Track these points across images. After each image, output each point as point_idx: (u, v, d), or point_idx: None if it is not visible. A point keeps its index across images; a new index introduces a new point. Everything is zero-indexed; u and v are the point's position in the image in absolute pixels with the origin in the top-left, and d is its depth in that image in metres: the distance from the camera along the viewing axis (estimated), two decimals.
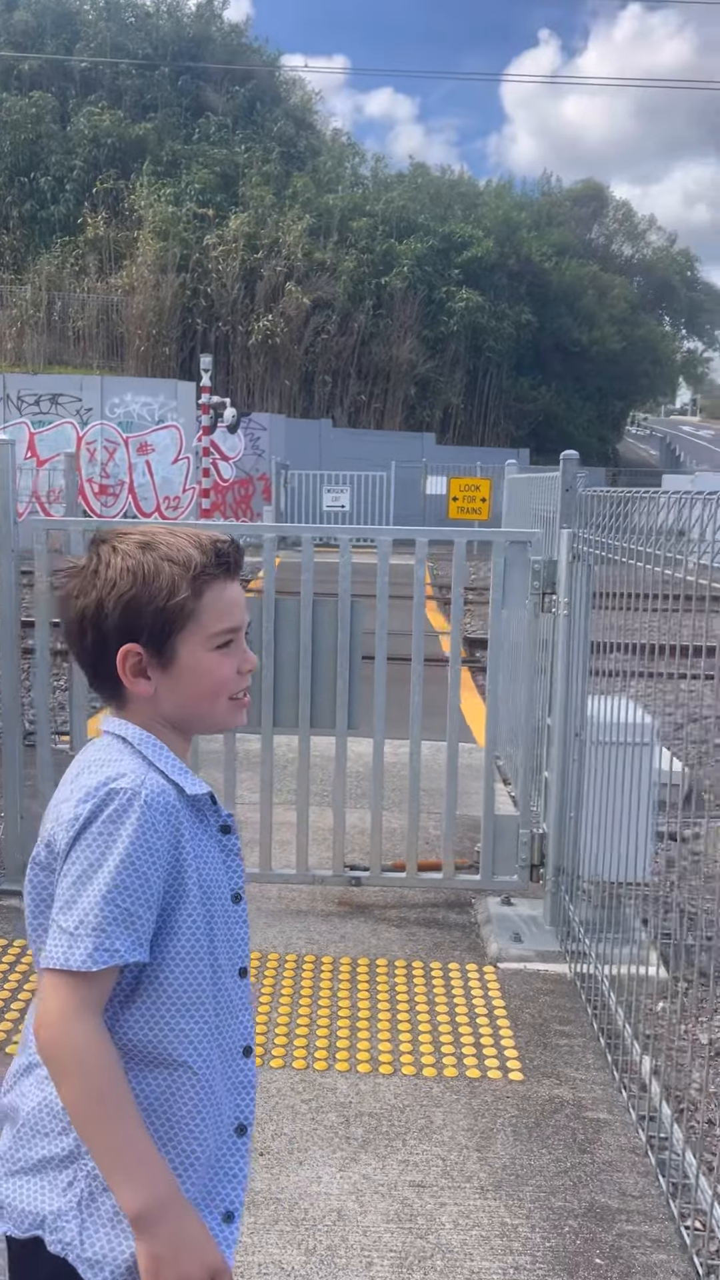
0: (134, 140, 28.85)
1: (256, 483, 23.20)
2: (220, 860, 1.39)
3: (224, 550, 1.36)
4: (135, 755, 1.33)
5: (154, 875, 1.25)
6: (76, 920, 1.21)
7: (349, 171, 32.69)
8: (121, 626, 1.31)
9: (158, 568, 1.31)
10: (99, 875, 1.22)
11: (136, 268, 25.50)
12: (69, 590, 1.34)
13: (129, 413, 22.76)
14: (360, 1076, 3.07)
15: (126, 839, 1.23)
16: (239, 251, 25.78)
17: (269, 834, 4.18)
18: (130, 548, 1.33)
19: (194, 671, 1.34)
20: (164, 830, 1.27)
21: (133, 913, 1.23)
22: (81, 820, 1.25)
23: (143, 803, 1.25)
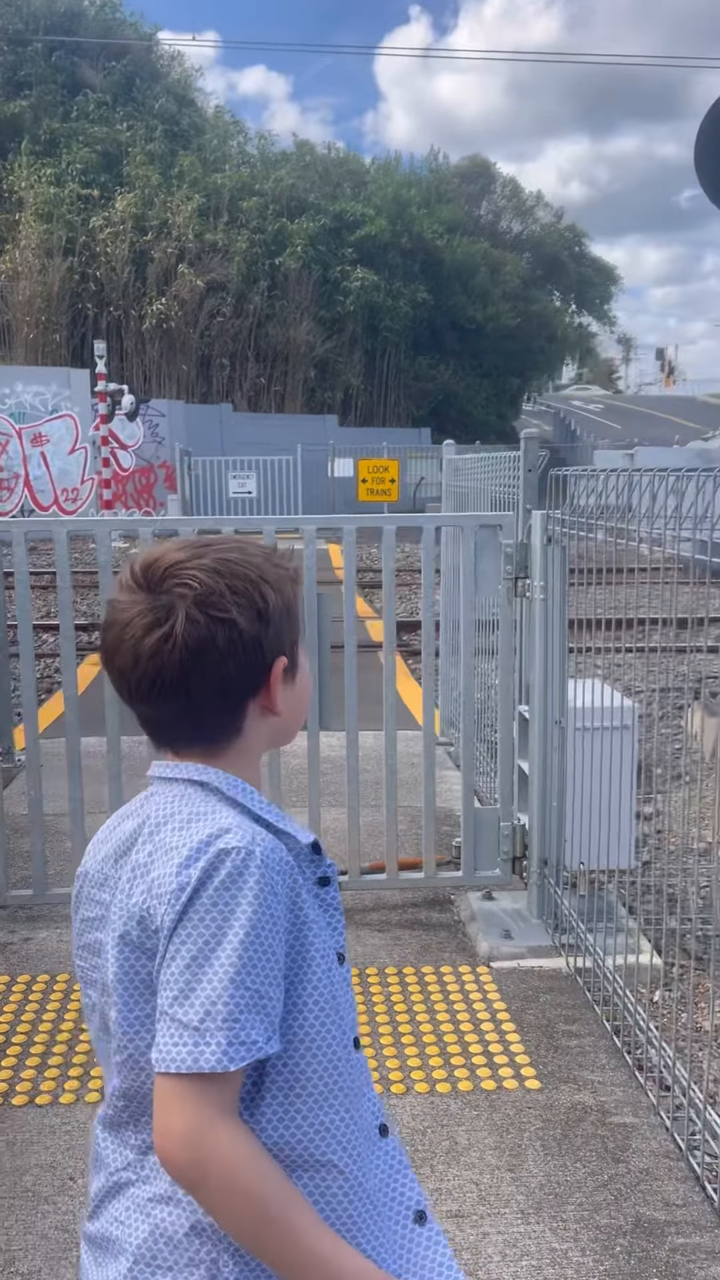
0: (9, 118, 27.80)
1: (158, 471, 22.67)
2: (322, 917, 1.19)
3: (283, 552, 1.26)
4: (228, 804, 1.14)
5: (279, 947, 1.07)
6: (201, 1011, 1.01)
7: (235, 149, 32.10)
8: (278, 638, 1.17)
9: (276, 574, 1.19)
10: (220, 954, 1.02)
11: (20, 251, 24.59)
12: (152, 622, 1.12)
13: (20, 403, 21.96)
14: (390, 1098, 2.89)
15: (249, 907, 1.04)
16: (127, 233, 25.08)
17: None
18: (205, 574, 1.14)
19: (305, 678, 1.25)
20: (283, 893, 1.09)
21: (264, 994, 1.04)
22: (190, 888, 1.04)
23: (259, 862, 1.06)
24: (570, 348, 44.27)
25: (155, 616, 1.11)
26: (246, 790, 1.16)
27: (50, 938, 3.76)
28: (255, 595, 1.14)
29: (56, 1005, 3.34)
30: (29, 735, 3.94)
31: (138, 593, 1.13)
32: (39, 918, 3.91)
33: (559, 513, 3.67)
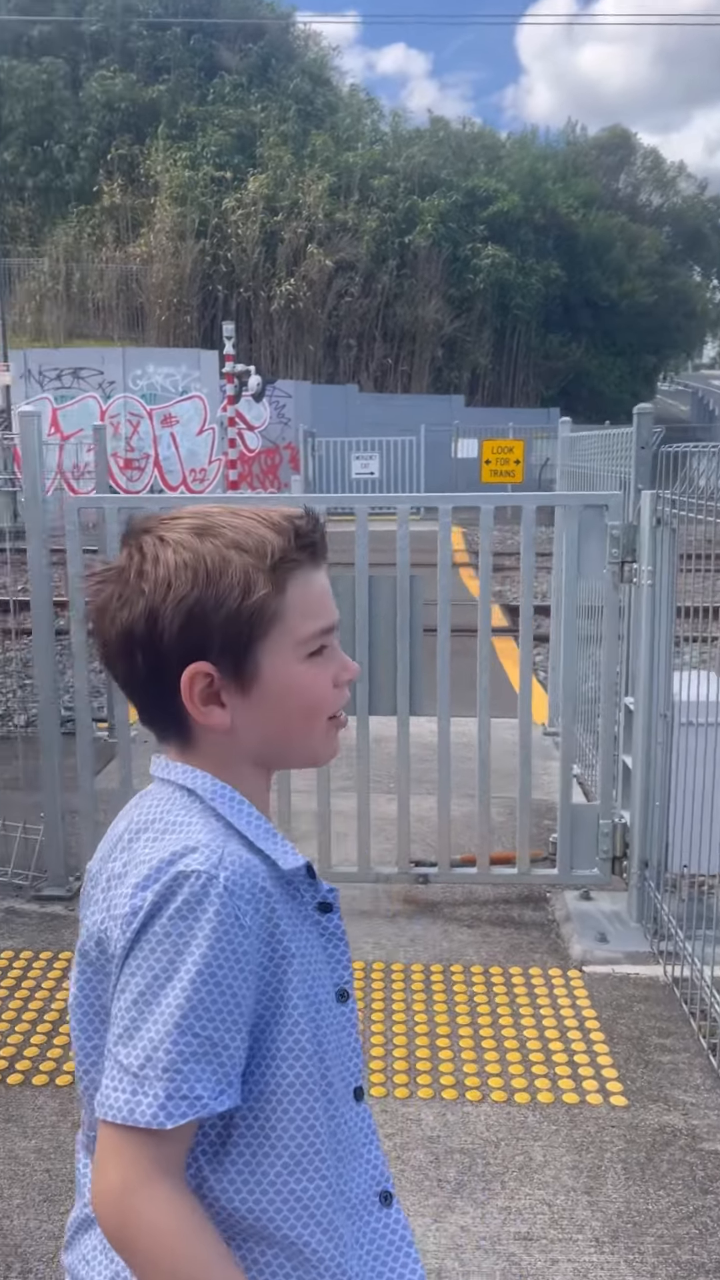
0: (147, 103, 28.28)
1: (283, 452, 22.80)
2: (320, 949, 1.05)
3: (305, 529, 1.03)
4: (208, 816, 1.00)
5: (242, 987, 0.93)
6: (142, 1056, 0.89)
7: (368, 128, 31.92)
8: (184, 640, 0.98)
9: (224, 559, 0.98)
10: (169, 992, 0.90)
11: (155, 235, 25.04)
12: (104, 600, 1.00)
13: (152, 384, 22.43)
14: (446, 1105, 2.76)
15: (205, 941, 0.91)
16: (258, 214, 25.23)
17: (327, 826, 3.86)
18: (184, 536, 1.00)
19: (284, 689, 1.02)
20: (252, 924, 0.95)
21: (217, 1042, 0.91)
22: (144, 914, 0.93)
23: (223, 889, 0.93)
24: (711, 325, 42.61)
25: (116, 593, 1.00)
26: (233, 801, 1.02)
27: None
28: (172, 588, 0.97)
29: None
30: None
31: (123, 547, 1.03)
32: None
33: (669, 493, 3.43)
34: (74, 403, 22.23)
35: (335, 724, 1.09)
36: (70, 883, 3.94)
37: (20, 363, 21.51)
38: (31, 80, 28.05)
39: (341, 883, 3.93)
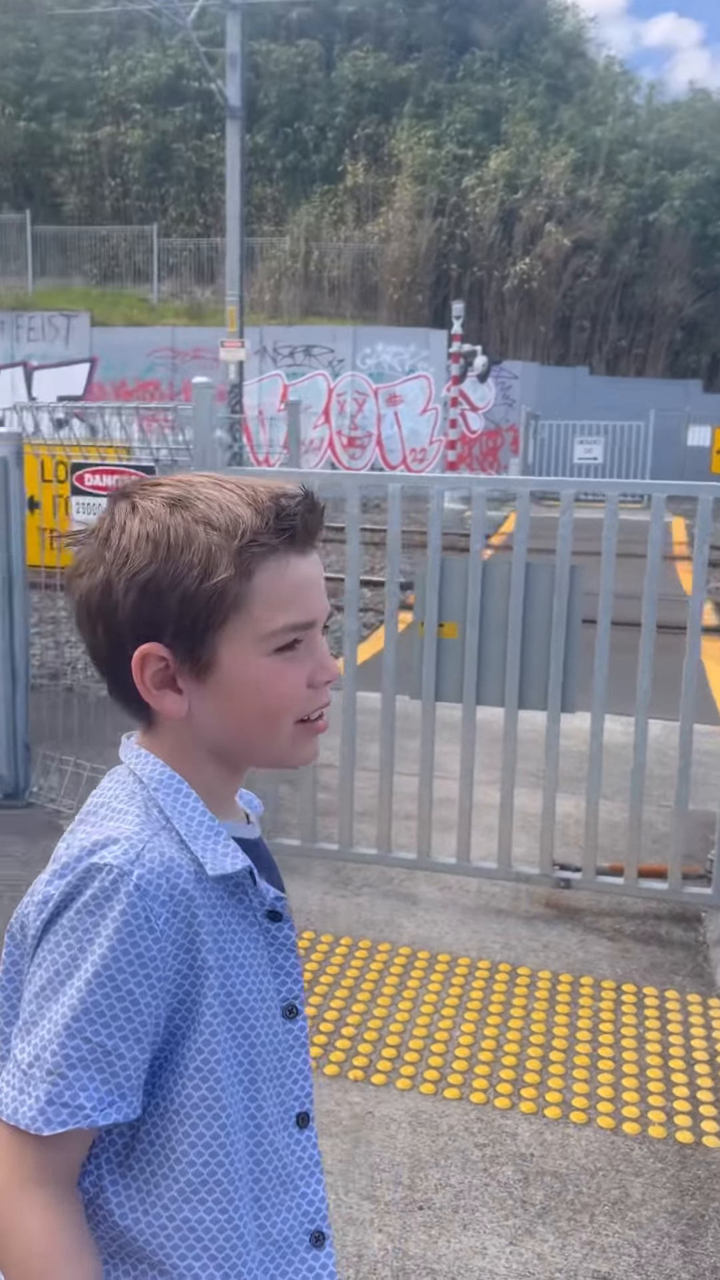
0: (396, 83, 28.38)
1: (505, 434, 22.51)
2: (266, 960, 0.98)
3: (289, 509, 0.93)
4: (147, 807, 0.95)
5: (145, 994, 0.87)
6: (31, 1054, 0.87)
7: (620, 101, 30.74)
8: (137, 619, 0.92)
9: (189, 534, 0.91)
10: (65, 991, 0.87)
11: (393, 214, 25.16)
12: (74, 564, 0.96)
13: (380, 363, 22.64)
14: (547, 1123, 2.63)
15: (106, 941, 0.86)
16: (498, 192, 24.86)
17: (468, 819, 3.76)
18: (155, 505, 0.93)
19: (241, 684, 0.94)
20: (166, 928, 0.89)
21: (110, 1050, 0.86)
22: (52, 905, 0.89)
23: (133, 887, 0.87)
24: None
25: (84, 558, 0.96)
26: (177, 794, 0.96)
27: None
28: (130, 560, 0.91)
29: None
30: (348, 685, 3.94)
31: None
32: None
33: None
34: (304, 380, 22.81)
35: (309, 728, 1.00)
36: None
37: (256, 339, 22.22)
38: (287, 63, 28.74)
39: (480, 878, 3.83)
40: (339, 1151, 2.48)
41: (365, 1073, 2.78)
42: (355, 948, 3.40)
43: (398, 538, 3.71)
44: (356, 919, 3.59)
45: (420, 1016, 3.05)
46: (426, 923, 3.58)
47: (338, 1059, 2.83)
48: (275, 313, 24.56)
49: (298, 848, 3.94)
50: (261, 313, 24.23)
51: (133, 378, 22.63)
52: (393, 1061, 2.83)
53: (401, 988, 3.19)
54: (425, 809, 3.77)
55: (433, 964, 3.33)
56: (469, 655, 3.60)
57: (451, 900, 3.74)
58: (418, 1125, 2.59)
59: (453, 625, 3.61)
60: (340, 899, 3.72)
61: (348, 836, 3.88)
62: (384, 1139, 2.54)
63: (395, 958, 3.36)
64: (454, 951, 3.41)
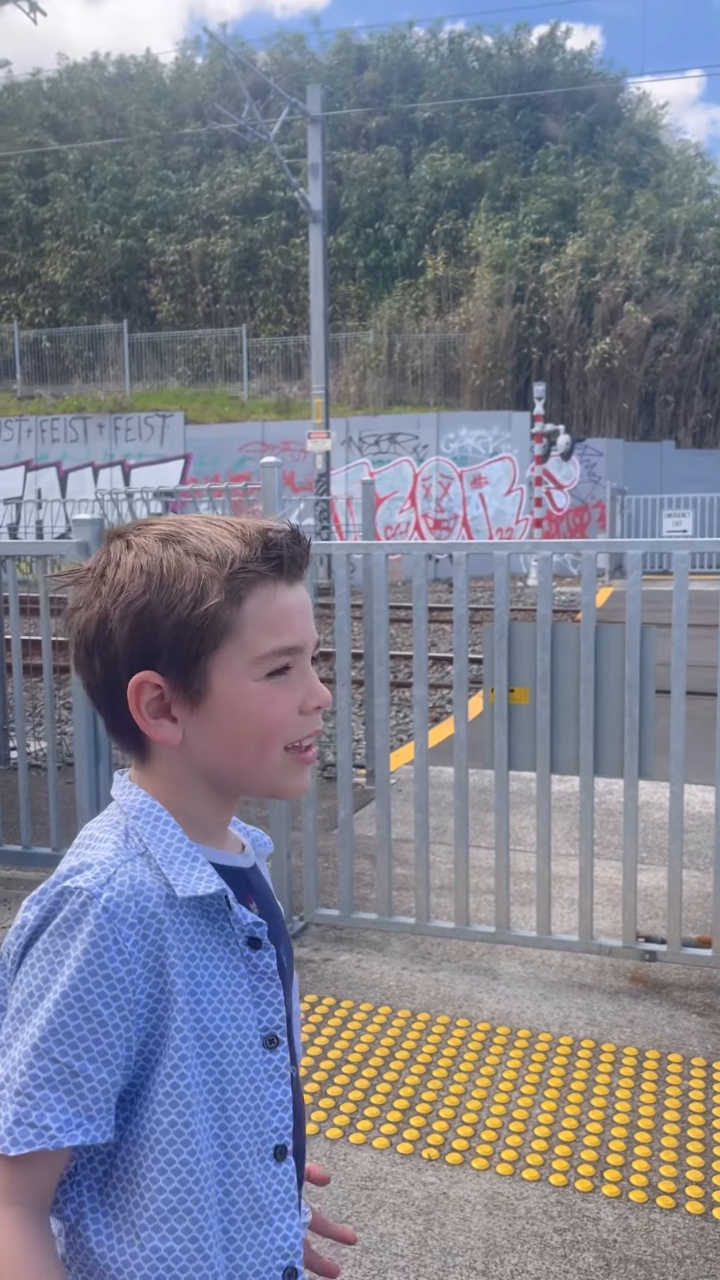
0: (473, 180, 29.31)
1: (592, 510, 22.46)
2: (246, 988, 0.98)
3: (276, 540, 0.98)
4: (124, 834, 0.98)
5: (114, 1015, 0.89)
6: (3, 1075, 0.89)
7: (696, 183, 31.15)
8: (133, 647, 0.95)
9: (180, 565, 0.95)
10: (36, 1012, 0.89)
11: (473, 303, 25.75)
12: (71, 602, 1.01)
13: (463, 447, 22.95)
14: (632, 1207, 2.50)
15: (74, 962, 0.89)
16: (576, 276, 25.26)
17: (548, 890, 3.67)
18: (149, 541, 0.98)
19: (234, 708, 0.97)
20: (135, 950, 0.90)
21: (77, 1071, 0.87)
22: (27, 931, 0.92)
23: (101, 909, 0.90)
24: None
25: (81, 595, 0.99)
26: (155, 821, 0.98)
27: (349, 961, 3.74)
28: (125, 591, 0.94)
29: (331, 1031, 3.30)
30: (418, 759, 3.94)
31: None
32: (345, 939, 3.92)
33: None
34: (389, 466, 23.23)
35: (299, 756, 1.01)
36: (295, 922, 4.01)
37: (342, 429, 22.78)
38: (367, 169, 29.99)
39: (562, 951, 3.72)
40: (411, 1234, 2.39)
41: (440, 1151, 2.69)
42: (433, 1023, 3.32)
43: (465, 605, 3.72)
44: (435, 994, 3.51)
45: (498, 1094, 2.95)
46: (507, 997, 3.48)
47: (411, 1137, 2.75)
48: (360, 403, 25.18)
49: (375, 922, 3.90)
50: (347, 404, 24.88)
51: (225, 471, 23.34)
52: (469, 1140, 2.74)
53: (480, 1064, 3.10)
54: (503, 881, 3.70)
55: (513, 1039, 3.22)
56: (541, 722, 3.56)
57: (533, 974, 3.63)
58: (494, 1207, 2.49)
59: (523, 691, 3.58)
60: (419, 974, 3.65)
61: (425, 910, 3.82)
62: (458, 1221, 2.44)
63: (474, 1033, 3.27)
64: (535, 1027, 3.30)
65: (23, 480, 25.24)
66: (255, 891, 1.05)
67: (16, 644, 4.72)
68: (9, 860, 4.64)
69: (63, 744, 6.55)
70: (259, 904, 1.04)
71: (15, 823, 4.64)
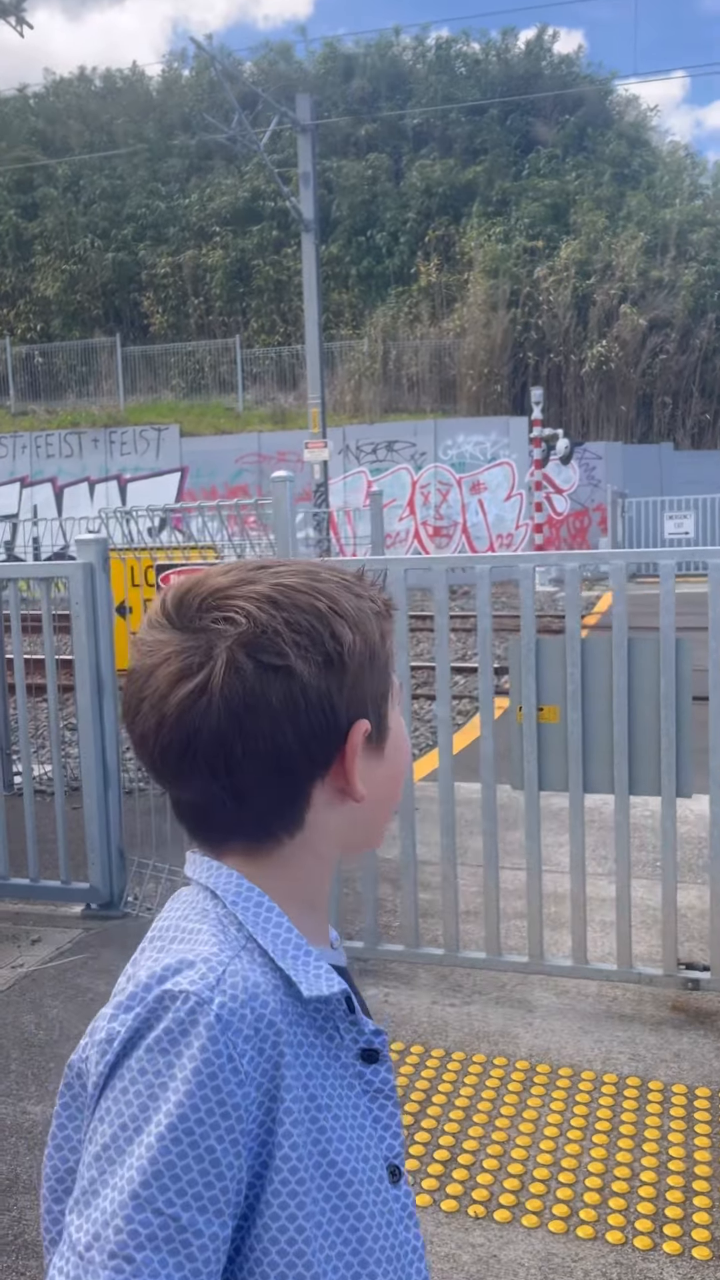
0: (464, 185, 29.23)
1: (593, 514, 22.32)
2: (365, 1110, 0.82)
3: (376, 582, 0.93)
4: (224, 924, 0.81)
5: (229, 1152, 0.71)
6: (91, 1232, 0.70)
7: (687, 184, 31.09)
8: (356, 693, 0.85)
9: (355, 600, 0.87)
10: (133, 1151, 0.70)
11: (467, 309, 25.64)
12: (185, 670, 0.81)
13: (461, 453, 22.81)
14: (697, 1265, 2.32)
15: (183, 1085, 0.71)
16: (570, 280, 25.17)
17: (583, 915, 3.50)
18: (293, 579, 0.85)
19: (398, 739, 0.92)
20: (252, 1069, 0.73)
21: (185, 1225, 0.70)
22: (118, 1044, 0.74)
23: (214, 1018, 0.73)
24: None
25: (186, 662, 0.79)
26: (259, 907, 0.82)
27: (376, 995, 3.57)
28: (325, 634, 0.81)
29: None
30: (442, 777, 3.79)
31: (168, 630, 0.81)
32: (370, 972, 3.74)
33: None
34: (387, 474, 23.08)
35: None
36: None
37: (339, 439, 22.64)
38: (357, 177, 29.90)
39: (599, 980, 3.55)
40: None
41: (487, 1208, 2.52)
42: (469, 1062, 3.15)
43: (488, 618, 3.56)
44: (468, 1030, 3.34)
45: (544, 1140, 2.77)
46: (544, 1032, 3.31)
47: (455, 1192, 2.58)
48: (356, 412, 25.06)
49: (401, 953, 3.73)
50: (343, 413, 24.75)
51: (222, 483, 23.20)
52: (517, 1195, 2.57)
53: (522, 1107, 2.92)
54: (535, 906, 3.53)
55: (554, 1079, 3.05)
56: (573, 740, 3.39)
57: (570, 1006, 3.46)
58: (549, 1271, 2.31)
59: (553, 709, 3.42)
60: (450, 1008, 3.48)
61: (454, 940, 3.65)
62: None
63: (513, 1073, 3.09)
64: (576, 1064, 3.13)
65: (18, 497, 25.09)
66: (355, 993, 0.90)
67: (19, 663, 4.55)
68: (16, 894, 4.46)
69: (68, 768, 6.38)
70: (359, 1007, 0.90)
71: (22, 853, 4.47)
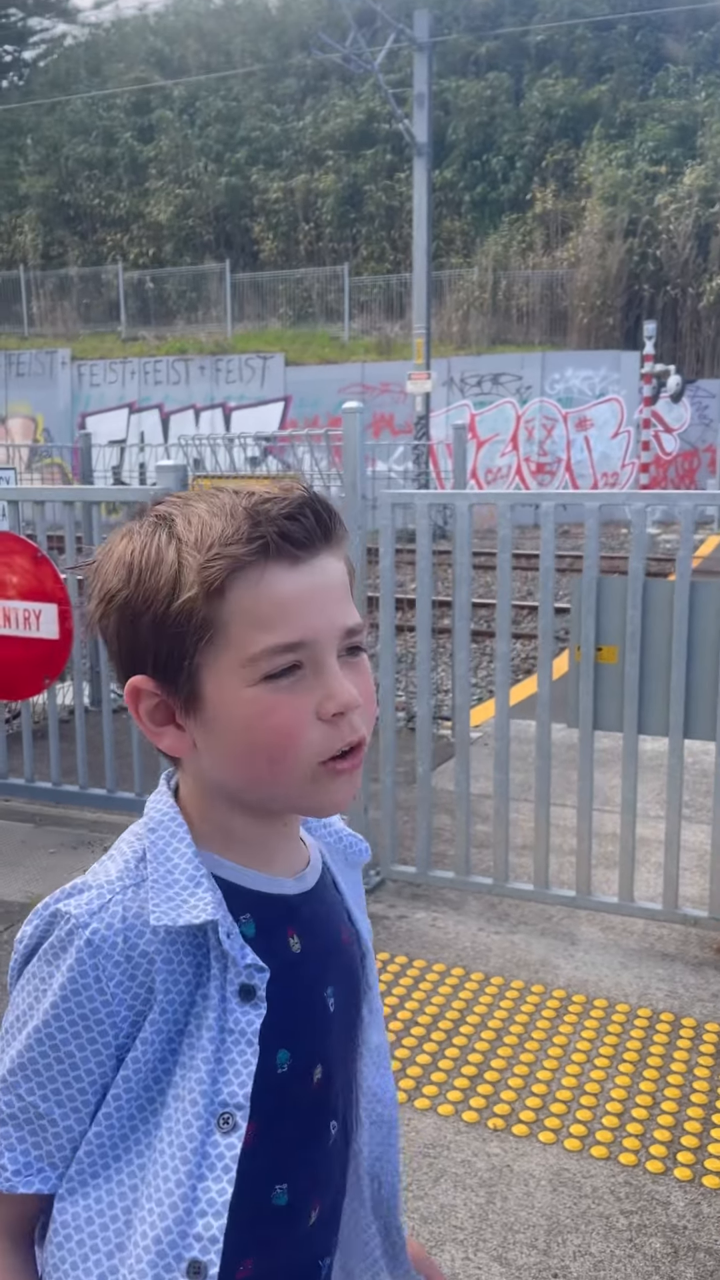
0: (587, 106, 28.07)
1: (702, 454, 21.62)
2: (209, 1051, 0.83)
3: (265, 515, 0.82)
4: (136, 853, 0.88)
5: (89, 1059, 0.82)
6: None
7: None
8: (121, 649, 0.86)
9: (159, 554, 0.82)
10: (16, 1040, 0.85)
11: (583, 238, 24.81)
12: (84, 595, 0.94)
13: (569, 388, 22.29)
14: (705, 1193, 2.40)
15: (52, 995, 0.82)
16: (693, 208, 24.09)
17: (631, 855, 3.54)
18: (144, 526, 0.86)
19: (230, 718, 0.83)
20: (115, 989, 0.82)
21: (42, 1113, 0.82)
22: (24, 947, 0.87)
23: (85, 942, 0.81)
24: None
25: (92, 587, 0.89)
26: (172, 835, 0.87)
27: (424, 919, 3.68)
28: (98, 583, 0.85)
29: (402, 990, 3.25)
30: (499, 714, 3.84)
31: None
32: (421, 896, 3.86)
33: None
34: (491, 408, 22.72)
35: (331, 772, 0.84)
36: (370, 877, 3.95)
37: (443, 370, 22.34)
38: (475, 97, 28.97)
39: (644, 919, 3.60)
40: (472, 1206, 2.34)
41: (506, 1122, 2.63)
42: (507, 987, 3.25)
43: (551, 557, 3.56)
44: (510, 958, 3.43)
45: (570, 1065, 2.86)
46: (585, 964, 3.38)
47: (478, 1105, 2.69)
48: (463, 343, 24.62)
49: (452, 880, 3.82)
50: (450, 344, 24.35)
51: (325, 414, 23.16)
52: (537, 1112, 2.67)
53: (553, 1033, 3.01)
54: (585, 844, 3.58)
55: (588, 1009, 3.13)
56: (629, 681, 3.40)
57: (614, 942, 3.52)
58: (559, 1184, 2.42)
59: (612, 649, 3.42)
60: (495, 935, 3.58)
61: (504, 871, 3.73)
62: (521, 1196, 2.38)
63: (549, 1000, 3.18)
64: (613, 997, 3.19)
65: (126, 423, 25.51)
66: (299, 921, 0.92)
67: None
68: (95, 803, 4.70)
69: None
70: (303, 937, 0.92)
71: (100, 766, 4.69)
